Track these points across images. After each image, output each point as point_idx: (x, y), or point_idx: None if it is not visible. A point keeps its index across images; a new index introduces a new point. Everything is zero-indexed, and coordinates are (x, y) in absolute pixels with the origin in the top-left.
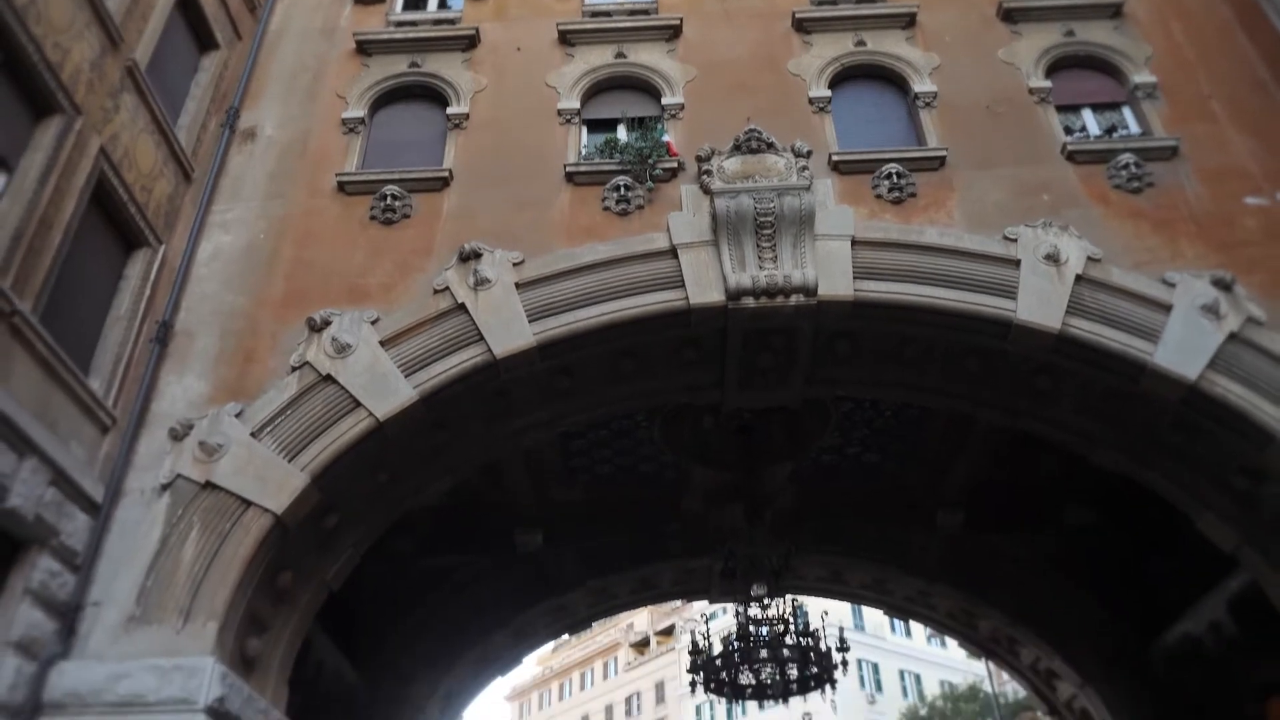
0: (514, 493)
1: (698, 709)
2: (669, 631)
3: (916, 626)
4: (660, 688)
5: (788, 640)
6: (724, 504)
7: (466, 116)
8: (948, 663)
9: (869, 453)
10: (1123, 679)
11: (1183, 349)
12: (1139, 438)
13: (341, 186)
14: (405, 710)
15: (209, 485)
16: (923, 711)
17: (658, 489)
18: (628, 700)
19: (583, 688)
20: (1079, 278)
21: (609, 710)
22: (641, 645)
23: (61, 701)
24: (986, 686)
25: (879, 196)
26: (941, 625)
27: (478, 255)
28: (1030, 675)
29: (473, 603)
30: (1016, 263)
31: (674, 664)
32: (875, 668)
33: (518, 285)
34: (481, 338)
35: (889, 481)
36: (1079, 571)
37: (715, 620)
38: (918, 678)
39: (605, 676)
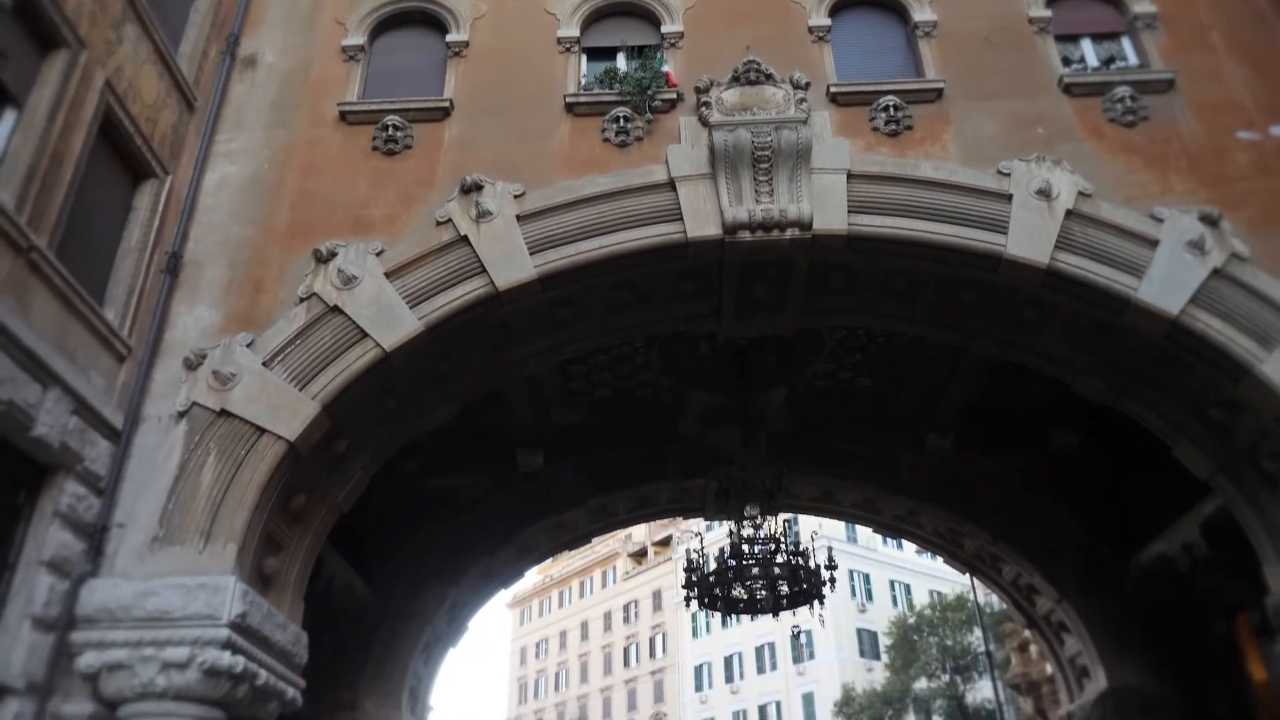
0: (515, 415)
1: (693, 616)
2: (666, 542)
3: None
4: (657, 596)
5: (779, 559)
6: (719, 426)
7: (466, 44)
8: (937, 573)
9: (862, 377)
10: (1098, 595)
11: (1166, 285)
12: (1121, 369)
13: (343, 116)
14: (414, 621)
15: (224, 413)
16: (911, 620)
17: (655, 412)
18: (625, 608)
19: (582, 596)
20: (1069, 213)
21: (607, 617)
22: (639, 555)
23: (94, 616)
24: (973, 597)
25: (875, 129)
26: (928, 543)
27: (479, 187)
28: (1011, 590)
29: (477, 520)
30: (1008, 197)
31: (671, 574)
32: (866, 578)
33: (519, 218)
34: (484, 270)
35: (880, 405)
36: (1061, 492)
37: (711, 531)
38: (907, 588)
39: (604, 585)
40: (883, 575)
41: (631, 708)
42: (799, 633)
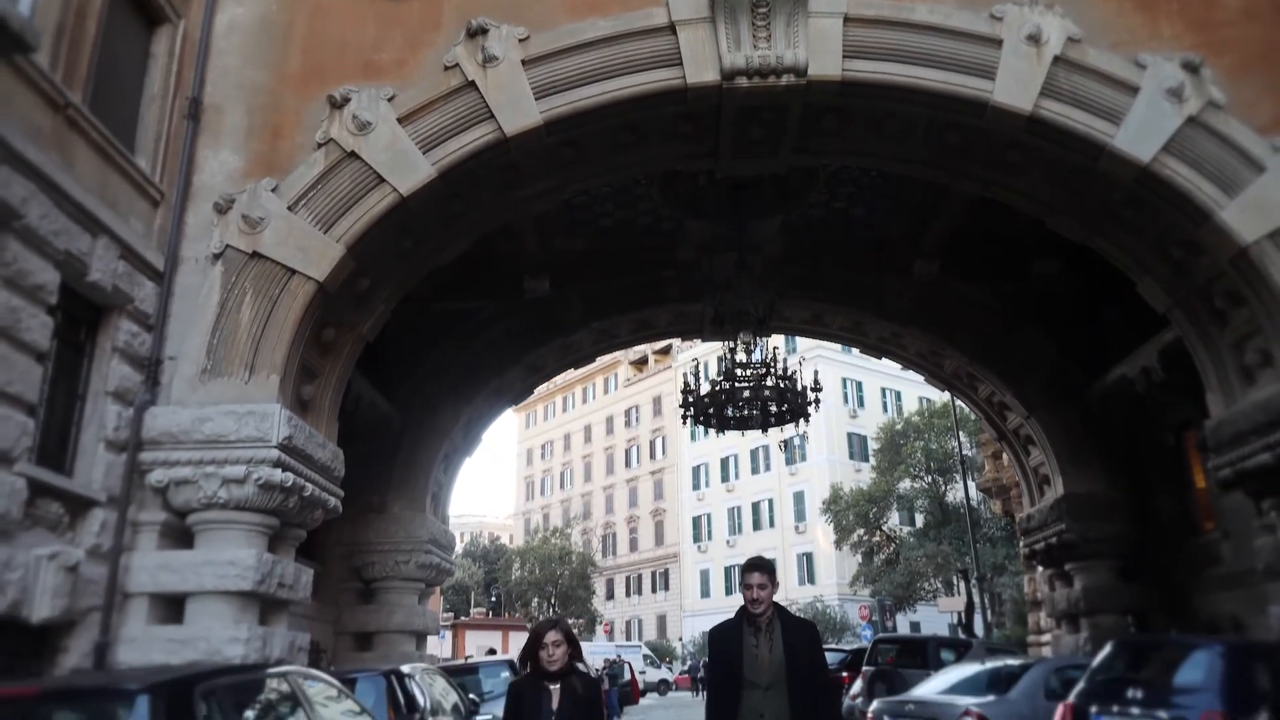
0: (522, 243)
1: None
2: (666, 351)
3: None
4: (657, 402)
5: (769, 382)
6: (716, 253)
7: None
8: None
9: (855, 207)
10: (1063, 412)
11: (1141, 132)
12: (1094, 209)
13: None
14: (433, 435)
15: (256, 255)
16: (899, 426)
17: (655, 239)
18: (627, 413)
19: (585, 401)
20: (1056, 59)
21: (609, 422)
22: (640, 363)
23: (158, 439)
24: (954, 409)
25: None
26: (910, 363)
27: (484, 31)
28: (985, 406)
29: (488, 342)
30: (999, 43)
31: (670, 381)
32: (859, 385)
33: (524, 62)
34: (492, 115)
35: (871, 233)
36: (1037, 317)
37: (709, 343)
38: (898, 395)
39: (606, 391)
40: (875, 383)
41: (632, 505)
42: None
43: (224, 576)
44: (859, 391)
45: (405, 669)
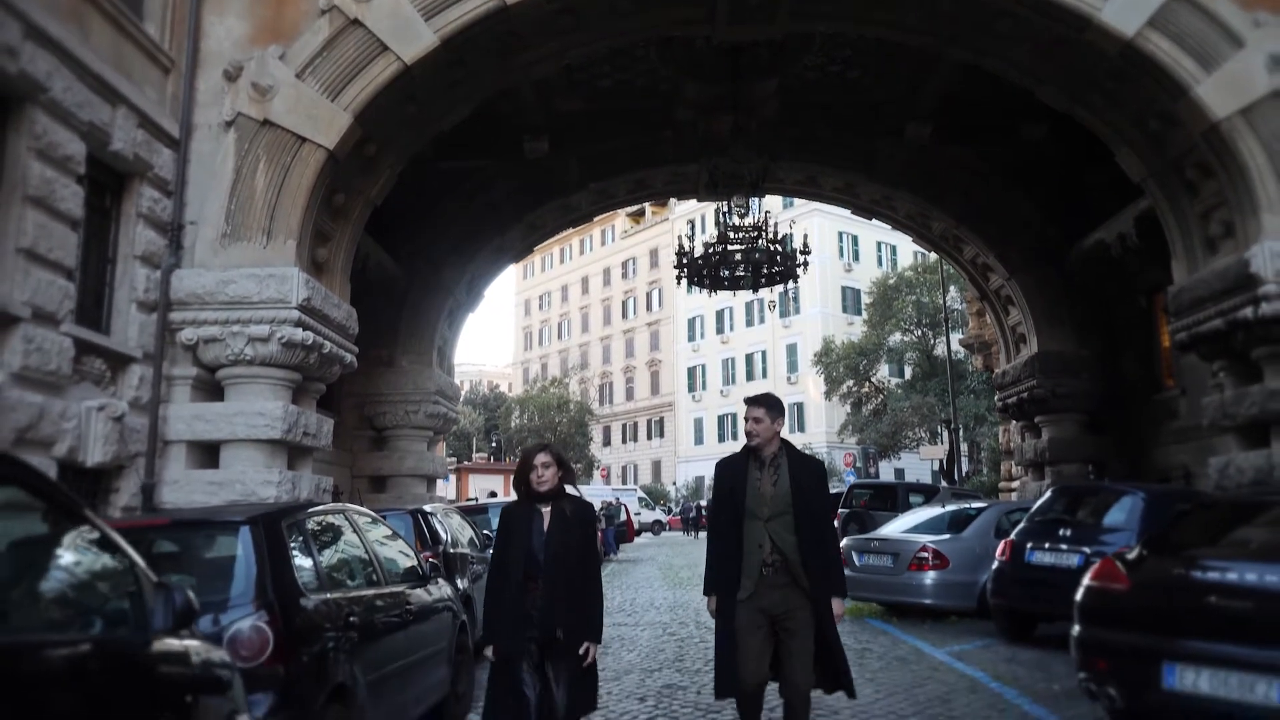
0: (522, 104)
1: None
2: (664, 203)
3: None
4: (654, 254)
5: (760, 244)
6: (713, 114)
7: None
8: None
9: (850, 70)
10: (1042, 274)
11: (1128, 6)
12: (1079, 80)
13: None
14: (437, 292)
15: (267, 123)
16: (891, 281)
17: (653, 100)
18: (624, 265)
19: (582, 253)
20: None
21: (606, 273)
22: (637, 215)
23: (185, 300)
24: (941, 265)
25: None
26: (900, 224)
27: None
28: (969, 267)
29: (489, 203)
30: None
31: (667, 233)
32: (855, 239)
33: None
34: None
35: (866, 96)
36: (1024, 180)
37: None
38: (894, 249)
39: (603, 243)
40: (871, 237)
41: (629, 355)
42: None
43: (254, 426)
44: (855, 245)
45: (427, 508)
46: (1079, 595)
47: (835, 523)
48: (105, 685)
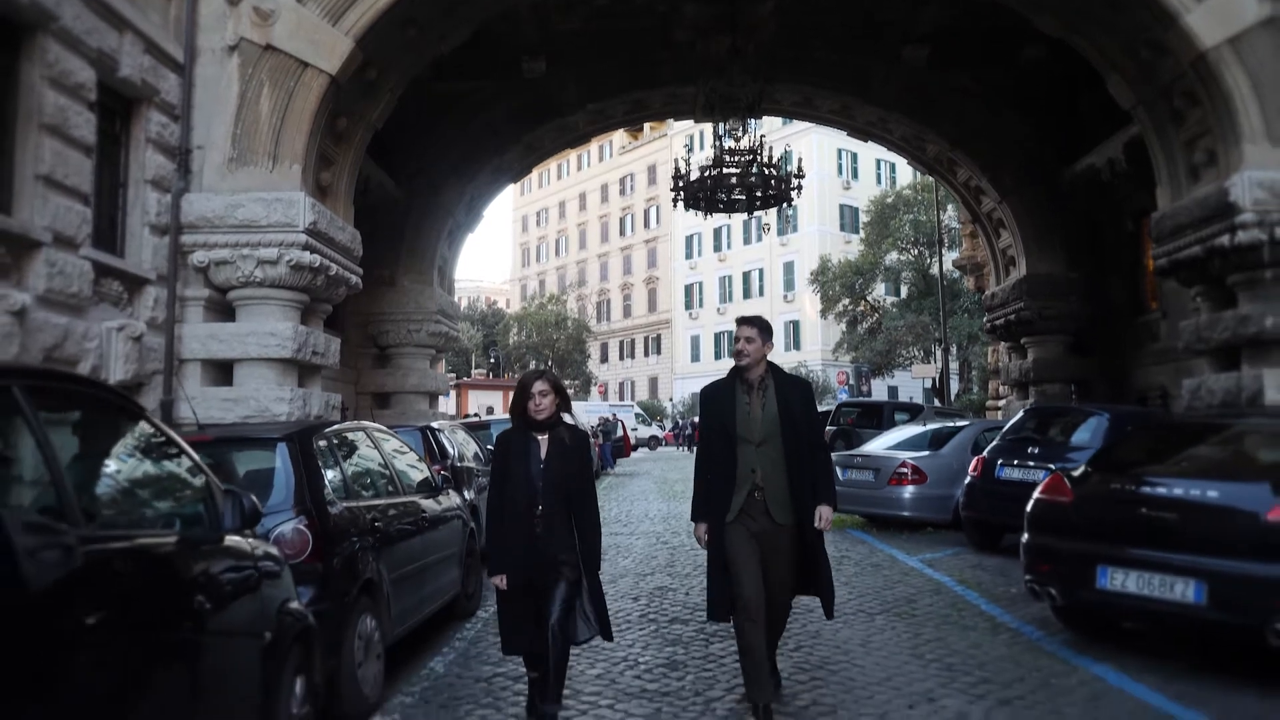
0: (520, 23)
1: None
2: (662, 122)
3: None
4: (652, 171)
5: (755, 169)
6: (711, 35)
7: None
8: None
9: None
10: (1033, 198)
11: None
12: (1075, 8)
13: None
14: (437, 212)
15: (270, 48)
16: (889, 200)
17: (650, 20)
18: (621, 181)
19: (580, 169)
20: None
21: (604, 190)
22: (635, 130)
23: (196, 224)
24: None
25: None
26: (895, 146)
27: None
28: (962, 190)
29: (488, 124)
30: None
31: (665, 149)
32: (854, 157)
33: None
34: None
35: (864, 17)
36: (1020, 104)
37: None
38: (893, 167)
39: (601, 159)
40: (870, 154)
41: (626, 273)
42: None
43: (266, 345)
44: (854, 163)
45: (435, 425)
46: (1029, 506)
47: None
48: (193, 574)
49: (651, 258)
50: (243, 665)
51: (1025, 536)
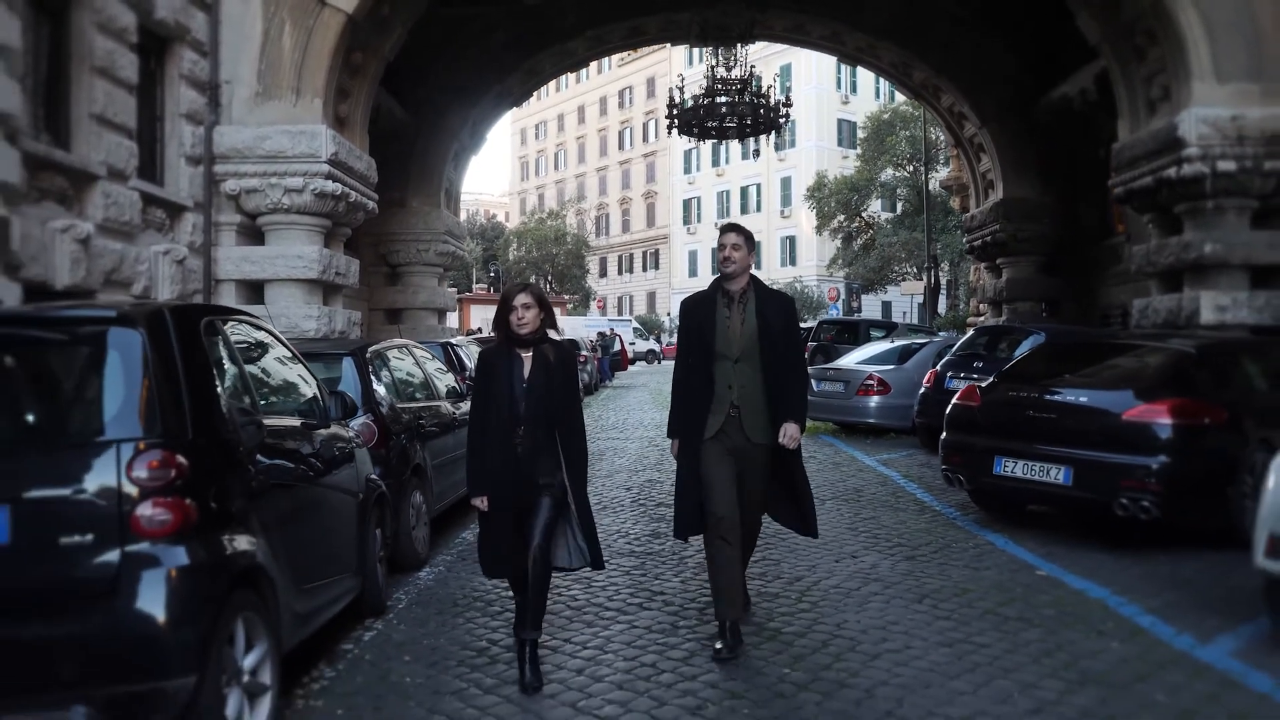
0: None
1: None
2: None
3: None
4: (650, 84)
5: (745, 97)
6: None
7: None
8: None
9: None
10: (1011, 124)
11: None
12: None
13: None
14: (443, 135)
15: None
16: (886, 116)
17: None
18: (620, 94)
19: (578, 81)
20: None
21: (603, 103)
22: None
23: (227, 154)
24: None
25: None
26: (883, 72)
27: None
28: (946, 115)
29: (489, 51)
30: None
31: (664, 61)
32: (854, 70)
33: None
34: None
35: None
36: (1005, 32)
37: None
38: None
39: (599, 71)
40: (869, 73)
41: (625, 187)
42: (758, 150)
43: (294, 267)
44: (853, 75)
45: (454, 340)
46: (948, 410)
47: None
48: (318, 447)
49: (650, 172)
50: (348, 513)
51: (944, 435)
